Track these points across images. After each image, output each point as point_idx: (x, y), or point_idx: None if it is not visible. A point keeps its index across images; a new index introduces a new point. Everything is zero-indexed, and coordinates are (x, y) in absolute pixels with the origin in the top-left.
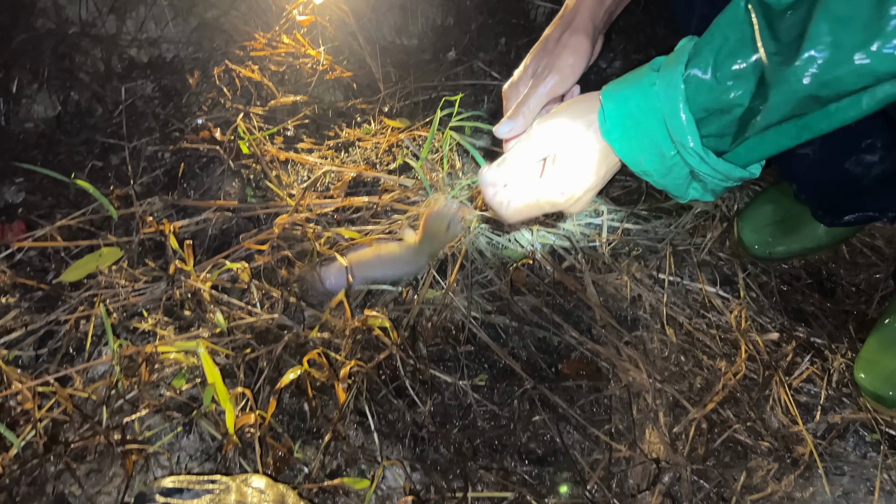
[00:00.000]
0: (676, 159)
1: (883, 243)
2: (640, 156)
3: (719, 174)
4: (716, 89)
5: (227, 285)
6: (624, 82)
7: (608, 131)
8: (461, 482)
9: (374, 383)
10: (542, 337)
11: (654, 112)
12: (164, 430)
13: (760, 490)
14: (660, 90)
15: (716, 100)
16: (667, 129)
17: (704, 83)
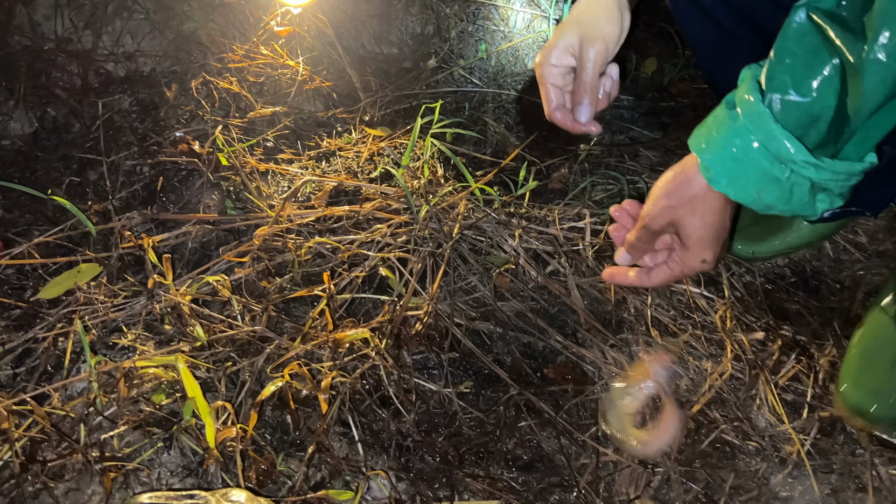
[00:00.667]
0: (794, 178)
1: (866, 239)
2: (756, 191)
3: (841, 174)
4: (803, 105)
5: (208, 298)
6: (706, 130)
7: (716, 181)
8: (447, 491)
9: (358, 394)
10: (527, 342)
11: (750, 144)
12: (144, 447)
13: (749, 490)
14: (747, 122)
15: (806, 113)
16: (770, 154)
17: (789, 103)
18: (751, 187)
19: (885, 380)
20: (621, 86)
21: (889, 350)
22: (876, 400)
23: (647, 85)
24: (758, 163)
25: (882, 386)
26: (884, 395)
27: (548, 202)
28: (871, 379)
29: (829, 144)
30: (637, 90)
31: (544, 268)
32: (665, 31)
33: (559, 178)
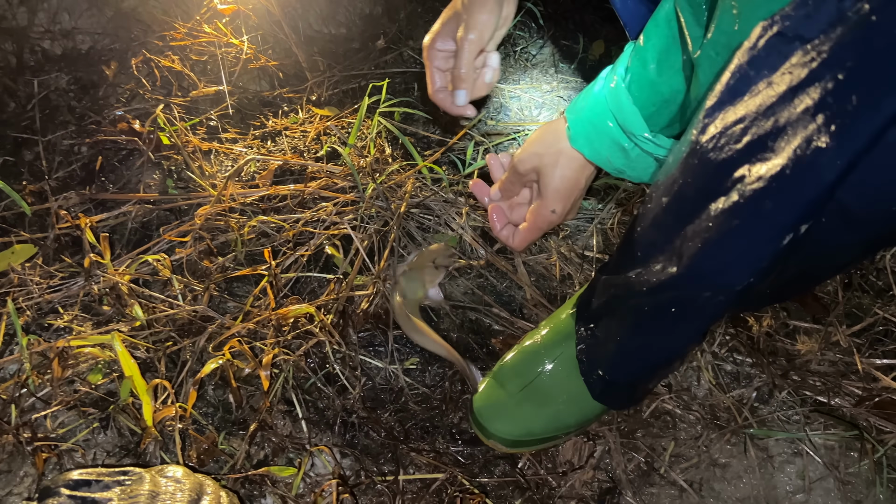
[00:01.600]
0: (636, 151)
1: None
2: (607, 155)
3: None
4: (657, 83)
5: (148, 279)
6: (580, 95)
7: (574, 140)
8: (392, 465)
9: (302, 372)
10: (474, 318)
11: (605, 113)
12: (79, 427)
13: (689, 458)
14: (606, 92)
15: (657, 93)
16: (619, 125)
17: (645, 83)
18: (603, 151)
19: (508, 400)
20: (569, 68)
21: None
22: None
23: (596, 67)
24: (609, 131)
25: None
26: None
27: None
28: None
29: (675, 125)
30: (585, 73)
31: (492, 245)
32: (614, 13)
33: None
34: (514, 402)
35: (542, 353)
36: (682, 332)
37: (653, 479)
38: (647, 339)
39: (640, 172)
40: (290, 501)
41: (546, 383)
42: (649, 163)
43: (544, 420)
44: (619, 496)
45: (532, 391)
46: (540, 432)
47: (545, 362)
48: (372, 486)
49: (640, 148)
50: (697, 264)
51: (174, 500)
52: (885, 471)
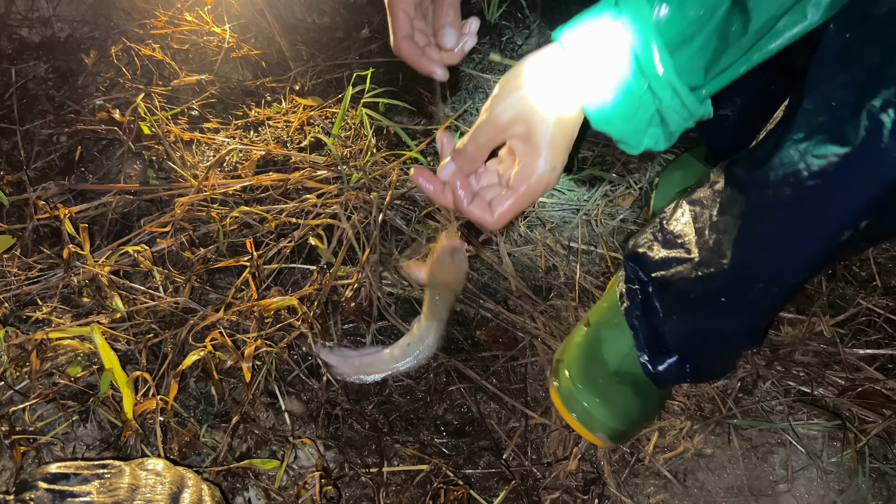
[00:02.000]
0: (647, 96)
1: None
2: (611, 97)
3: (686, 110)
4: (691, 18)
5: (129, 270)
6: (581, 24)
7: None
8: (377, 457)
9: (285, 364)
10: (459, 310)
11: (621, 46)
12: (59, 420)
13: (673, 448)
14: (625, 22)
15: (690, 23)
16: (637, 62)
17: (677, 13)
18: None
19: (607, 385)
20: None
21: (611, 350)
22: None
23: None
24: (620, 69)
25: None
26: (608, 401)
27: None
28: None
29: (696, 72)
30: None
31: (477, 236)
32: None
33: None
34: (608, 391)
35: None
36: (734, 321)
37: (637, 469)
38: (699, 325)
39: (631, 127)
40: (273, 494)
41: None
42: (648, 116)
43: (640, 403)
44: (604, 487)
45: (622, 377)
46: (638, 415)
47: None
48: (356, 479)
49: (651, 93)
50: (752, 258)
51: (154, 494)
52: (868, 460)
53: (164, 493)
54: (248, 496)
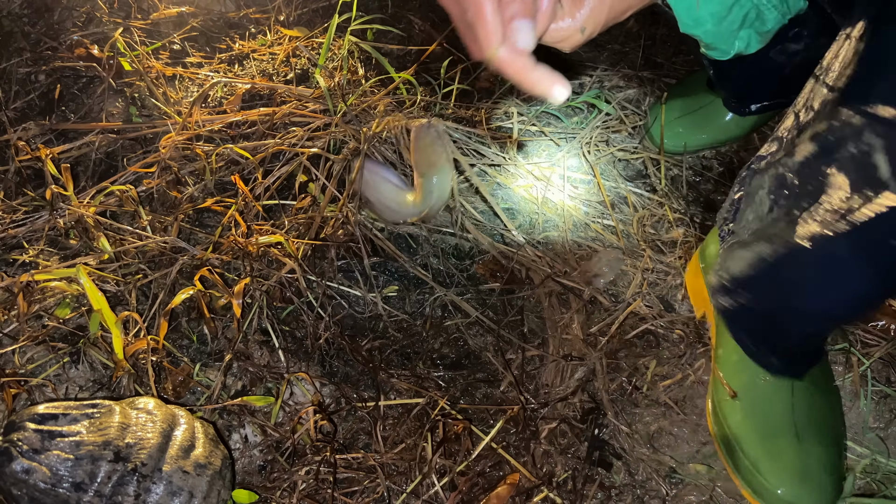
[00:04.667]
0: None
1: None
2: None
3: (785, 4)
4: None
5: (115, 210)
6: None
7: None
8: (373, 392)
9: (278, 301)
10: (455, 244)
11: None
12: (49, 362)
13: (672, 375)
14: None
15: None
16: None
17: None
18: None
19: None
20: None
21: (779, 416)
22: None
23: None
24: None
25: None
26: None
27: (476, 102)
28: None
29: None
30: None
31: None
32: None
33: (487, 78)
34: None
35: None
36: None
37: (636, 398)
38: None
39: (725, 27)
40: (270, 430)
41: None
42: (742, 14)
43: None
44: (602, 416)
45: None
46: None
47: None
48: (353, 413)
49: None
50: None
51: (145, 432)
52: (870, 384)
53: (155, 430)
54: (244, 433)
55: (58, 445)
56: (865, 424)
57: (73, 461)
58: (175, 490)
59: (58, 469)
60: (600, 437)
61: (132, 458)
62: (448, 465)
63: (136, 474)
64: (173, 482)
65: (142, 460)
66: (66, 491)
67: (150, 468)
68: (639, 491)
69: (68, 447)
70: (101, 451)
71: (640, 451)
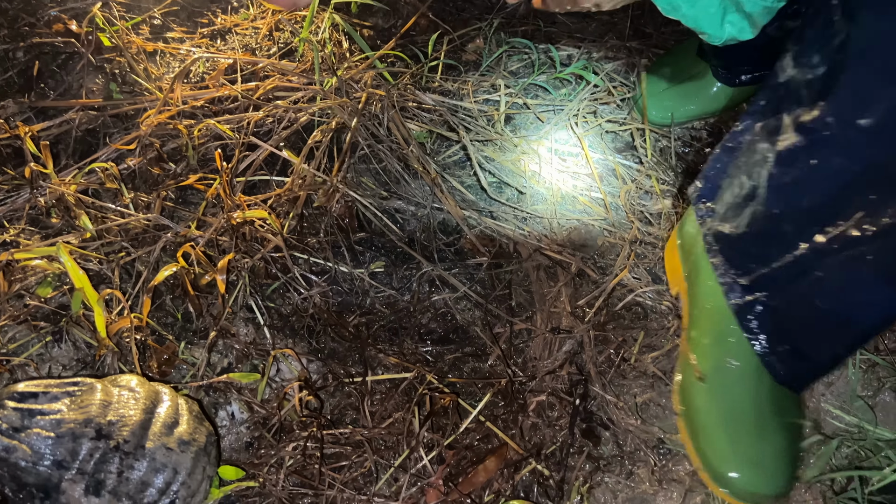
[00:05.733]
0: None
1: None
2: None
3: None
4: None
5: (97, 188)
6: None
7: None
8: (360, 368)
9: (263, 278)
10: (442, 219)
11: None
12: (32, 342)
13: (660, 347)
14: None
15: None
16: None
17: None
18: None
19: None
20: None
21: (743, 402)
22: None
23: None
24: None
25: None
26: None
27: (463, 75)
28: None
29: None
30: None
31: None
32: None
33: (473, 50)
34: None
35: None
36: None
37: (624, 370)
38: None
39: (700, 9)
40: (256, 407)
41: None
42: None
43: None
44: (590, 388)
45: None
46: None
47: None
48: (340, 389)
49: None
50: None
51: (128, 409)
52: (858, 351)
53: (137, 407)
54: (230, 410)
55: (38, 423)
56: (853, 392)
57: (54, 439)
58: (159, 466)
59: (39, 447)
60: (588, 408)
61: (114, 436)
62: (436, 439)
63: (118, 451)
64: (157, 459)
65: (124, 437)
66: (48, 469)
67: (133, 445)
68: (627, 462)
69: (49, 425)
70: (83, 428)
71: (628, 422)
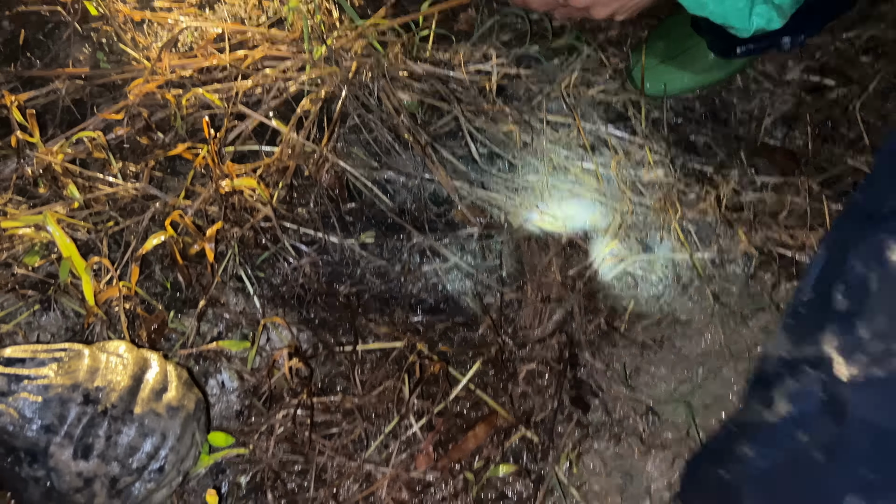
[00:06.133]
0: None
1: (774, 69)
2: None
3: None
4: None
5: (85, 157)
6: None
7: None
8: (350, 337)
9: (252, 248)
10: (433, 190)
11: None
12: (20, 310)
13: (650, 316)
14: None
15: None
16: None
17: None
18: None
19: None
20: None
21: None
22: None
23: None
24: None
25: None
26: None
27: (455, 45)
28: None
29: None
30: None
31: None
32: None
33: (466, 20)
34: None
35: None
36: None
37: (613, 338)
38: None
39: (729, 5)
40: (246, 375)
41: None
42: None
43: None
44: (580, 356)
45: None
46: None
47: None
48: (331, 357)
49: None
50: None
51: (115, 374)
52: None
53: (126, 373)
54: (220, 379)
55: (25, 388)
56: None
57: (41, 404)
58: (147, 431)
59: (26, 411)
60: (578, 376)
61: (102, 401)
62: (426, 407)
63: (106, 416)
64: (145, 424)
65: (112, 402)
66: (36, 433)
67: (121, 410)
68: (616, 429)
69: (36, 390)
70: (70, 393)
71: (617, 389)
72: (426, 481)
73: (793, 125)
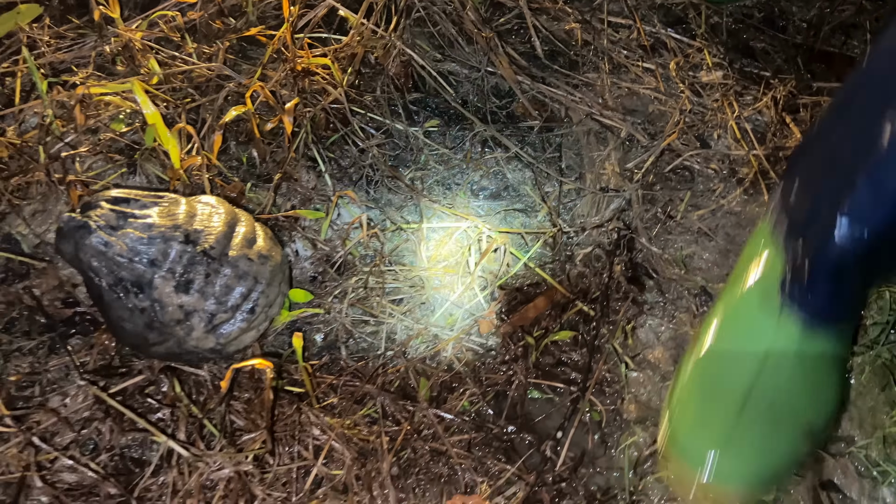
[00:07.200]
0: None
1: None
2: None
3: None
4: None
5: (161, 36)
6: None
7: None
8: (416, 217)
9: (325, 129)
10: (495, 84)
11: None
12: (108, 172)
13: (705, 206)
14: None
15: None
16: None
17: None
18: None
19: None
20: None
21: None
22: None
23: None
24: None
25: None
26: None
27: None
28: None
29: None
30: None
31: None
32: None
33: None
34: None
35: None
36: None
37: (669, 226)
38: None
39: None
40: (320, 244)
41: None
42: None
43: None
44: (635, 241)
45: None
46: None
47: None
48: (398, 234)
49: None
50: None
51: (211, 221)
52: None
53: (220, 221)
54: (294, 248)
55: (132, 225)
56: None
57: (146, 240)
58: (241, 274)
59: (133, 245)
60: (633, 259)
61: (201, 242)
62: (489, 279)
63: (205, 256)
64: (239, 266)
65: (210, 244)
66: (142, 266)
67: (218, 252)
68: (670, 307)
69: (141, 227)
70: (173, 232)
71: (671, 271)
72: (488, 345)
73: (851, 33)
